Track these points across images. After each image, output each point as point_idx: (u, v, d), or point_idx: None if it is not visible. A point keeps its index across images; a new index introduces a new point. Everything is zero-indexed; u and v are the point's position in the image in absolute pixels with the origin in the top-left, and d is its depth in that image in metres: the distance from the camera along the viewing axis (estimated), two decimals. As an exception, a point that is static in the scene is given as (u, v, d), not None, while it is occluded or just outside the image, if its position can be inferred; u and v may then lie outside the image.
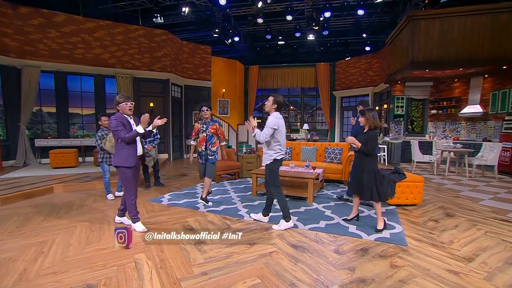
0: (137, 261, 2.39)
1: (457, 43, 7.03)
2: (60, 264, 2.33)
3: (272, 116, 3.11)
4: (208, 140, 4.08)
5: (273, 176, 3.15)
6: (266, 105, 3.19)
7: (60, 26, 7.48)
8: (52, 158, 6.72)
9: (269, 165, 3.13)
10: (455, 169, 7.11)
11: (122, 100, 2.94)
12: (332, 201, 4.33)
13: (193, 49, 10.24)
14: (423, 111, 9.58)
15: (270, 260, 2.44)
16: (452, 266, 2.34)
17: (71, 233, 3.01)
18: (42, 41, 7.33)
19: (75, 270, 2.24)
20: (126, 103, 2.95)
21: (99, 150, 4.28)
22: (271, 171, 3.14)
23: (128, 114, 3.00)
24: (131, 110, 3.00)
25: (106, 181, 4.41)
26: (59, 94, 7.81)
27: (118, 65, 8.23)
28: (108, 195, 4.45)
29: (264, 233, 3.03)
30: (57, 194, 4.73)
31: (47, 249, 2.62)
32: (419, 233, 3.07)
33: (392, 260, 2.44)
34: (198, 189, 5.10)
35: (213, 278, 2.14)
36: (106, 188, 4.45)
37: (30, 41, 7.20)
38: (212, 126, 4.10)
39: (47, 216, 3.55)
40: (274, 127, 3.04)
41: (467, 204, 4.25)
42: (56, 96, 7.80)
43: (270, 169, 3.14)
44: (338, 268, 2.30)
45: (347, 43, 11.69)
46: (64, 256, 2.48)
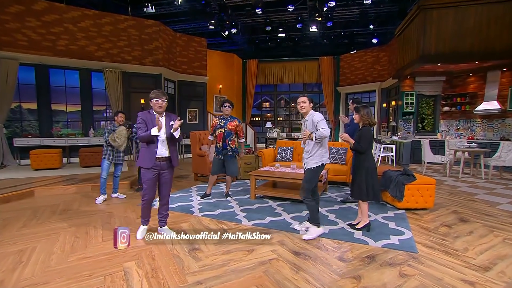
0: (127, 270, 2.38)
1: (472, 34, 7.03)
2: (41, 275, 2.31)
3: (312, 113, 3.10)
4: (226, 136, 4.33)
5: (314, 181, 3.11)
6: (303, 106, 3.12)
7: (40, 15, 7.43)
8: (33, 159, 6.67)
9: (315, 169, 3.06)
10: (469, 170, 7.12)
11: (153, 96, 2.91)
12: (336, 204, 4.33)
13: (187, 42, 10.23)
14: (434, 108, 9.60)
15: (269, 267, 2.43)
16: (467, 276, 2.33)
17: (54, 240, 2.98)
18: (21, 30, 7.26)
19: (57, 281, 2.22)
20: (157, 100, 2.90)
21: (105, 145, 4.38)
22: (315, 175, 3.09)
23: (158, 112, 2.95)
24: (161, 107, 2.92)
25: (102, 180, 4.43)
26: (40, 89, 7.76)
27: (106, 58, 8.21)
28: (99, 197, 4.44)
29: (263, 239, 3.02)
30: (39, 198, 4.70)
31: (27, 258, 2.59)
32: (430, 240, 3.06)
33: (401, 268, 2.43)
34: (193, 191, 5.08)
35: (209, 287, 2.13)
36: (101, 188, 4.46)
37: (7, 31, 7.12)
38: (231, 123, 4.36)
39: (27, 222, 3.52)
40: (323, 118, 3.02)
41: (483, 209, 4.24)
42: (37, 91, 7.75)
43: (315, 172, 3.08)
44: (343, 277, 2.29)
45: (353, 35, 11.70)
46: (45, 265, 2.45)
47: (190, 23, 11.19)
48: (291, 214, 3.84)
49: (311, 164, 3.06)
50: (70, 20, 7.74)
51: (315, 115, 3.06)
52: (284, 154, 6.20)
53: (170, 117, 3.06)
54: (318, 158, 3.04)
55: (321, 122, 2.97)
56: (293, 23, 10.89)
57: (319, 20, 9.66)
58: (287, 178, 4.42)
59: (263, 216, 3.74)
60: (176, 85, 10.06)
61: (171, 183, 3.17)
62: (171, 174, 3.12)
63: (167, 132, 2.95)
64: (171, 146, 3.04)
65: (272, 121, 14.67)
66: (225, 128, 4.34)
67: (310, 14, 9.58)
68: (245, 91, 13.94)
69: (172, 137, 2.98)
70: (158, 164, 2.98)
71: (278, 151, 6.29)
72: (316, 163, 3.04)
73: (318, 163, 3.04)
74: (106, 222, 3.55)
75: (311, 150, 3.07)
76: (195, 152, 5.90)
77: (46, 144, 7.45)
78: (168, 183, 3.12)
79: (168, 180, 3.10)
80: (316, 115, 3.05)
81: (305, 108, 3.12)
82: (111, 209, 4.08)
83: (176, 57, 9.98)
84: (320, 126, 2.95)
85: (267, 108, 15.61)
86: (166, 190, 3.12)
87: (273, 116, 15.03)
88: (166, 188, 3.11)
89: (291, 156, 6.20)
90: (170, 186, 3.14)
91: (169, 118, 3.03)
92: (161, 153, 2.98)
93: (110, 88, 8.21)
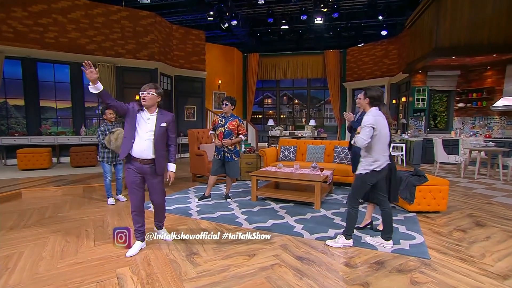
0: (120, 276, 2.37)
1: (490, 24, 6.95)
2: (28, 282, 2.31)
3: (369, 113, 2.81)
4: (226, 136, 4.34)
5: (362, 189, 2.92)
6: (357, 102, 2.99)
7: (27, 5, 7.41)
8: (20, 158, 6.70)
9: (364, 176, 2.83)
10: (486, 171, 7.09)
11: (141, 89, 2.71)
12: (342, 207, 4.31)
13: (184, 34, 10.23)
14: (448, 104, 9.57)
15: (272, 273, 2.42)
16: (484, 284, 2.32)
17: (43, 245, 2.98)
18: (6, 21, 7.25)
19: None
20: (142, 93, 2.69)
21: (101, 147, 4.33)
22: (363, 184, 2.87)
23: (145, 106, 2.71)
24: (145, 100, 2.67)
25: (107, 183, 4.44)
26: (27, 84, 7.75)
27: (98, 51, 8.22)
28: (109, 199, 4.48)
29: (265, 243, 3.02)
30: (26, 200, 4.71)
31: (13, 264, 2.59)
32: (444, 245, 3.05)
33: (412, 275, 2.42)
34: (191, 193, 5.09)
35: (207, 295, 2.13)
36: (107, 191, 4.48)
37: (-10, 22, 7.11)
38: (231, 122, 4.35)
39: (14, 226, 3.52)
40: (373, 125, 2.71)
41: (501, 212, 4.22)
42: (24, 86, 7.73)
43: (363, 181, 2.85)
44: (349, 284, 2.28)
45: (360, 27, 11.65)
46: (33, 272, 2.45)
47: (188, 15, 11.17)
48: (294, 217, 3.83)
49: (360, 170, 2.86)
50: (59, 10, 7.73)
51: (366, 116, 2.79)
52: (287, 153, 6.19)
53: (163, 116, 2.79)
54: (367, 163, 2.82)
55: (365, 129, 2.71)
56: (296, 15, 10.85)
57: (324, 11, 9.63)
58: (290, 179, 4.41)
59: (264, 219, 3.74)
60: (173, 81, 10.06)
61: (161, 189, 2.90)
62: (157, 180, 2.82)
63: (156, 133, 2.70)
64: (159, 150, 2.74)
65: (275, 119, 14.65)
66: (225, 128, 4.35)
67: (315, 5, 9.54)
68: (246, 87, 13.93)
69: (160, 136, 2.74)
70: (139, 166, 2.72)
71: (281, 150, 6.29)
72: (365, 169, 2.81)
73: (369, 168, 2.80)
74: (98, 225, 3.56)
75: (362, 154, 2.89)
76: (193, 152, 5.90)
77: (35, 143, 7.46)
78: (157, 190, 2.85)
79: (155, 185, 2.82)
80: (366, 117, 2.78)
81: (358, 104, 3.01)
82: (105, 212, 4.09)
83: (173, 50, 9.98)
84: (361, 133, 2.75)
85: (269, 105, 15.61)
86: (154, 197, 2.88)
87: (275, 113, 15.02)
88: (154, 195, 2.87)
89: (294, 155, 6.20)
90: (160, 193, 2.89)
91: (161, 117, 2.76)
92: (141, 153, 2.69)
93: (103, 83, 8.11)
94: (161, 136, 2.75)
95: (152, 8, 9.39)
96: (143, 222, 2.86)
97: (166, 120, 2.78)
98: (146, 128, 2.69)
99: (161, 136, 2.74)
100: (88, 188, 5.30)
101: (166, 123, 2.76)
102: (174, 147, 2.92)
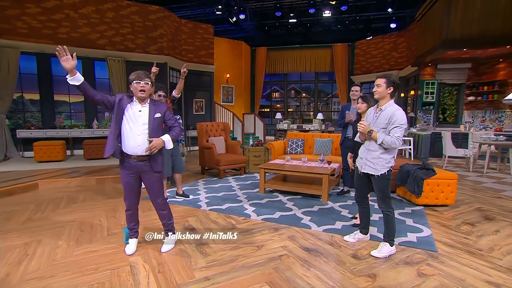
0: (133, 265, 2.43)
1: (504, 14, 6.71)
2: (46, 268, 2.38)
3: (394, 107, 2.51)
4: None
5: (389, 188, 2.66)
6: (377, 91, 2.56)
7: (40, 1, 7.50)
8: (36, 151, 6.86)
9: (387, 174, 2.58)
10: (496, 165, 6.95)
11: (133, 78, 2.40)
12: (350, 199, 4.30)
13: (193, 29, 10.20)
14: (458, 97, 9.36)
15: (280, 264, 2.44)
16: (492, 277, 2.29)
17: (59, 233, 3.06)
18: (20, 17, 7.36)
19: (63, 274, 2.29)
20: (138, 82, 2.38)
21: None
22: (389, 181, 2.64)
23: (140, 98, 2.42)
24: (144, 91, 2.39)
25: None
26: (42, 79, 7.90)
27: (109, 46, 8.27)
28: None
29: (273, 234, 3.04)
30: (43, 191, 4.83)
31: (32, 251, 2.67)
32: (451, 238, 3.02)
33: (419, 267, 2.41)
34: (200, 185, 5.13)
35: (217, 283, 2.16)
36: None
37: (6, 18, 7.22)
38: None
39: (32, 215, 3.62)
40: (405, 124, 2.48)
41: (511, 206, 4.15)
42: (39, 81, 7.89)
43: (389, 178, 2.61)
44: (356, 275, 2.29)
45: (369, 20, 11.42)
46: (51, 259, 2.53)
47: (196, 9, 11.12)
48: (302, 209, 3.84)
49: (380, 170, 2.57)
50: (71, 6, 7.79)
51: (398, 113, 2.46)
52: (295, 146, 6.17)
53: (156, 106, 2.50)
54: (385, 161, 2.57)
55: (399, 129, 2.45)
56: (305, 8, 10.70)
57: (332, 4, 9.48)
58: (298, 171, 4.41)
59: (272, 211, 3.75)
60: (182, 75, 10.06)
61: (159, 188, 2.60)
62: (155, 178, 2.55)
63: (150, 126, 2.43)
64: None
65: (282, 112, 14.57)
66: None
67: (323, -3, 9.39)
68: (254, 80, 13.87)
69: (156, 131, 2.46)
70: (135, 164, 2.46)
71: (289, 143, 6.27)
72: (386, 168, 2.57)
73: (388, 166, 2.58)
74: (111, 216, 3.63)
75: (377, 152, 2.58)
76: (201, 145, 5.93)
77: (49, 136, 7.63)
78: (154, 189, 2.56)
79: (152, 184, 2.55)
80: (398, 113, 2.46)
81: (378, 93, 2.56)
82: (117, 203, 4.16)
83: (182, 45, 9.97)
84: (395, 133, 2.45)
85: (276, 99, 15.52)
86: (152, 196, 2.60)
87: (283, 107, 14.94)
88: (151, 194, 2.59)
89: (302, 148, 6.17)
90: (158, 191, 2.59)
91: (154, 107, 2.48)
92: (135, 150, 2.41)
93: (114, 77, 8.29)
94: (156, 129, 2.47)
95: (161, 2, 9.35)
96: (137, 221, 2.73)
97: (160, 111, 2.50)
98: (138, 121, 2.40)
99: (156, 129, 2.46)
100: (101, 179, 5.41)
101: (160, 113, 2.49)
102: (178, 127, 2.60)
